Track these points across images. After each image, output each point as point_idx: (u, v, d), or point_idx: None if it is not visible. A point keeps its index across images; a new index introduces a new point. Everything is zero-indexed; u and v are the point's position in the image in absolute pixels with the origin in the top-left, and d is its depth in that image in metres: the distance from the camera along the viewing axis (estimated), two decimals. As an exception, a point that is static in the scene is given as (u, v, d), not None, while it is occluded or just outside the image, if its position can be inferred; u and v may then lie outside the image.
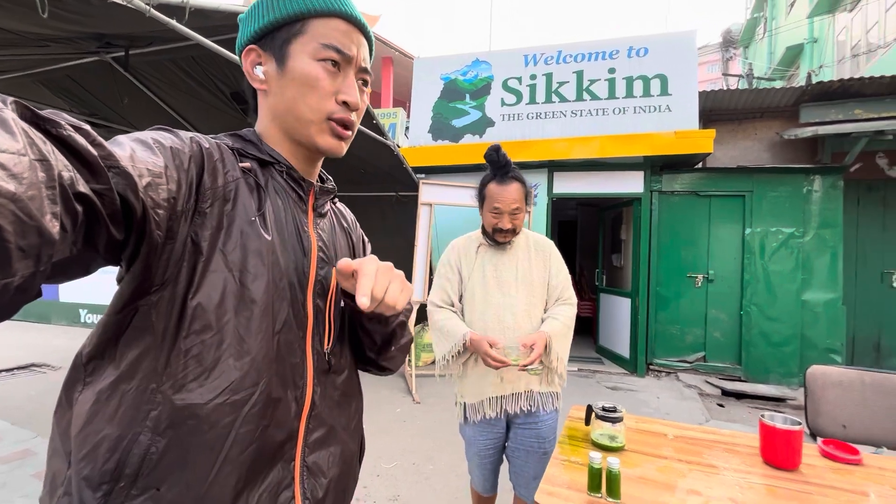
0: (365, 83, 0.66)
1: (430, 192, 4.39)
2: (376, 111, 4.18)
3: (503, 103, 5.22)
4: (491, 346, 1.38)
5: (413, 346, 4.33)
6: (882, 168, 4.74)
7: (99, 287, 5.68)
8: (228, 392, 0.52)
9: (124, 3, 1.68)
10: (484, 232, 1.59)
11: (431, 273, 4.94)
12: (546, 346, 1.41)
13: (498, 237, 1.53)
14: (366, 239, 0.86)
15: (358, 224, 0.85)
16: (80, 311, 6.52)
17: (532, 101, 5.13)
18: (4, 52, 2.69)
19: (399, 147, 4.20)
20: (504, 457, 1.61)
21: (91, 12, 1.84)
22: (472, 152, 5.12)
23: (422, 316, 5.04)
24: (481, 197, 1.55)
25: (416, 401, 3.82)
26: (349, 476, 0.71)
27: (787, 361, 4.45)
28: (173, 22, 1.89)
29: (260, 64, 0.61)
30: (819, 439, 1.30)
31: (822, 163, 4.60)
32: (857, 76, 4.38)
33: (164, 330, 0.50)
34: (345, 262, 0.58)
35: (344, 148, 0.65)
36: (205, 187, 0.53)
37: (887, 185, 4.77)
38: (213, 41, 2.26)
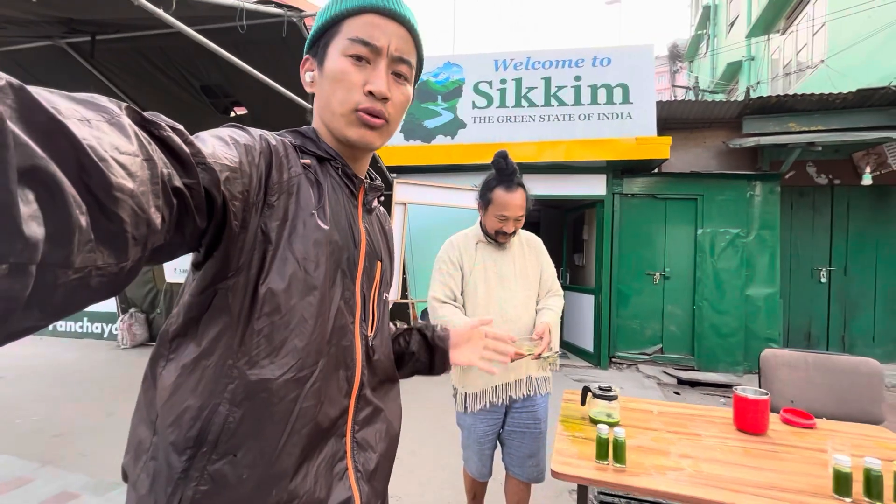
0: (399, 75, 0.65)
1: (404, 192, 4.43)
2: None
3: (474, 106, 5.34)
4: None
5: (388, 344, 4.34)
6: (812, 176, 5.29)
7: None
8: (295, 369, 0.56)
9: (112, -10, 1.63)
10: (484, 231, 1.66)
11: (404, 272, 4.98)
12: (550, 334, 1.51)
13: (500, 239, 1.62)
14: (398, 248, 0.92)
15: (392, 231, 0.88)
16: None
17: (502, 104, 5.29)
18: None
19: (374, 146, 4.21)
20: (497, 441, 1.70)
21: (72, -4, 1.76)
22: (444, 153, 5.21)
23: (395, 315, 5.06)
24: (486, 200, 1.61)
25: (392, 398, 3.84)
26: (394, 451, 0.76)
27: (733, 351, 4.86)
28: (160, 11, 1.84)
29: (311, 70, 0.67)
30: (781, 409, 1.49)
31: (762, 170, 5.07)
32: (790, 93, 4.87)
33: (239, 311, 0.55)
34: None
35: (377, 139, 0.66)
36: (272, 181, 0.57)
37: (816, 192, 5.33)
38: (194, 30, 2.21)
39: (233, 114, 3.89)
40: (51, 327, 5.98)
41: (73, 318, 5.94)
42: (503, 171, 1.57)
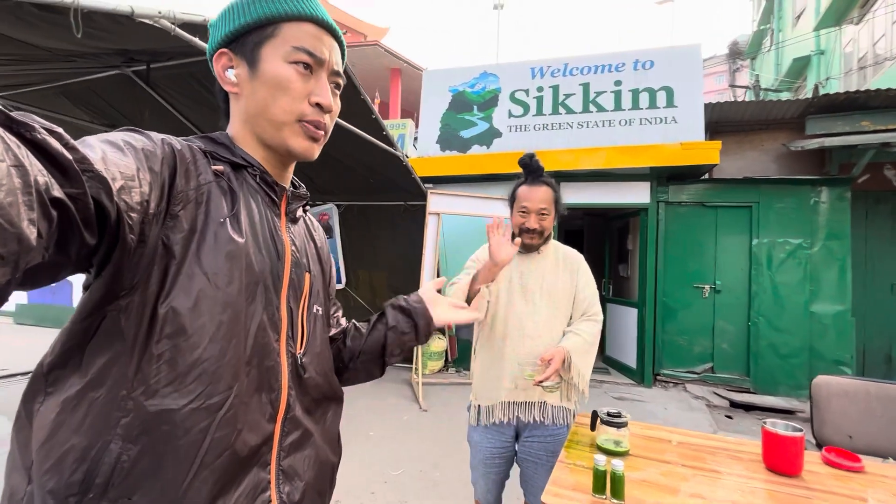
0: (337, 87, 0.66)
1: (437, 202, 4.45)
2: (385, 122, 4.27)
3: (510, 115, 5.29)
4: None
5: (420, 354, 4.37)
6: (890, 180, 4.74)
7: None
8: (203, 396, 0.51)
9: (151, 23, 1.78)
10: (514, 236, 1.59)
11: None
12: (564, 362, 1.41)
13: (525, 238, 1.53)
14: (332, 260, 0.85)
15: (325, 242, 0.84)
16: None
17: (539, 112, 5.20)
18: (32, 67, 2.81)
19: (407, 157, 4.28)
20: (515, 462, 1.62)
21: (119, 31, 1.94)
22: (479, 163, 5.20)
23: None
24: (511, 199, 1.58)
25: (422, 408, 3.84)
26: (326, 480, 0.70)
27: (795, 373, 4.41)
28: (196, 39, 1.98)
29: (231, 67, 0.61)
30: (824, 448, 1.32)
31: (830, 174, 4.61)
32: (863, 88, 4.40)
33: (134, 335, 0.49)
34: None
35: (316, 150, 0.65)
36: (177, 190, 0.52)
37: (895, 198, 4.76)
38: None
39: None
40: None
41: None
42: (528, 168, 1.55)
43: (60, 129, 0.38)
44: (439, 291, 0.91)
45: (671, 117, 4.72)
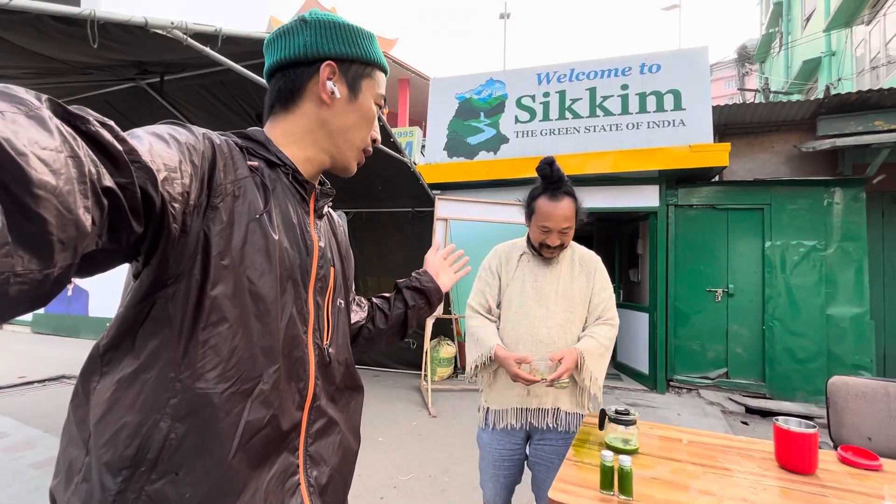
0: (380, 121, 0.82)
1: (445, 208, 4.47)
2: (394, 130, 4.33)
3: (517, 120, 5.32)
4: (520, 364, 1.36)
5: (429, 360, 4.36)
6: (906, 179, 4.64)
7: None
8: (240, 382, 0.55)
9: (164, 34, 1.83)
10: (529, 243, 1.56)
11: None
12: (577, 363, 1.39)
13: (544, 252, 1.50)
14: (351, 254, 0.90)
15: (347, 233, 0.91)
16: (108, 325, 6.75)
17: (546, 118, 5.21)
18: (51, 81, 2.91)
19: (415, 164, 4.32)
20: (526, 466, 1.59)
21: (134, 42, 2.01)
22: (487, 168, 5.22)
23: (438, 330, 5.07)
24: (529, 210, 1.51)
25: (432, 415, 3.82)
26: (350, 465, 0.74)
27: (813, 378, 4.30)
28: (207, 49, 2.04)
29: (332, 80, 0.66)
30: (839, 447, 1.29)
31: (843, 175, 4.53)
32: (876, 88, 4.34)
33: (181, 321, 0.52)
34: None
35: (354, 173, 0.78)
36: (216, 183, 0.55)
37: (913, 197, 4.66)
38: (242, 66, 2.42)
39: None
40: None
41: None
42: (548, 178, 1.46)
43: (112, 122, 0.40)
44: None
45: (679, 120, 4.70)
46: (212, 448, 0.53)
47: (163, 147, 0.48)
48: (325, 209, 0.77)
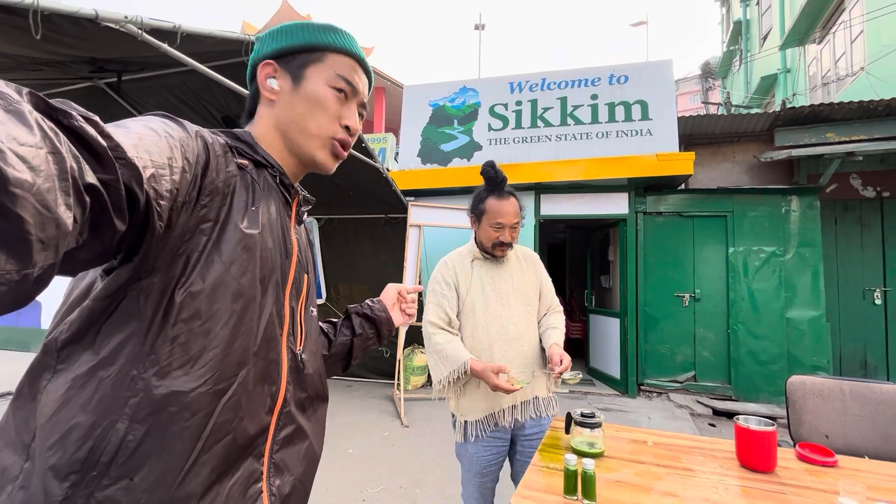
0: (361, 116, 0.74)
1: (418, 214, 4.44)
2: (367, 136, 4.27)
3: (490, 128, 5.36)
4: (497, 373, 1.37)
5: (402, 369, 4.29)
6: (857, 188, 4.91)
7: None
8: (212, 381, 0.52)
9: (116, 27, 1.75)
10: (480, 246, 1.60)
11: (420, 294, 4.93)
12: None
13: (497, 251, 1.56)
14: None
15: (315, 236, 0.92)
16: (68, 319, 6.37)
17: (518, 126, 5.28)
18: (-2, 77, 2.75)
19: (389, 171, 4.28)
20: (509, 463, 1.61)
21: (84, 35, 1.90)
22: (460, 175, 5.23)
23: (411, 339, 5.00)
24: (479, 211, 1.56)
25: (404, 424, 3.75)
26: (312, 476, 0.71)
27: (775, 379, 4.45)
28: (165, 46, 1.95)
29: (274, 77, 0.67)
30: (797, 444, 1.31)
31: (799, 184, 4.75)
32: (827, 102, 4.59)
33: (152, 316, 0.50)
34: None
35: (334, 167, 0.72)
36: (207, 181, 0.54)
37: (863, 205, 4.92)
38: (206, 66, 2.34)
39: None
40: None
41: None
42: (493, 181, 1.55)
43: (96, 117, 0.39)
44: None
45: (646, 130, 4.84)
46: (172, 451, 0.49)
47: (153, 141, 0.47)
48: (305, 217, 0.77)
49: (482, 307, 1.54)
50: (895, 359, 4.77)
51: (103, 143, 0.38)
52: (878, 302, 4.82)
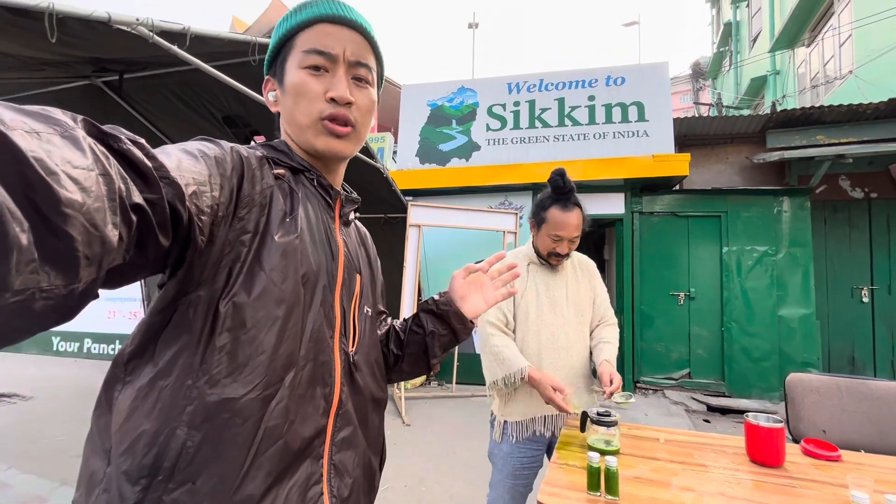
0: (360, 79, 0.66)
1: (418, 214, 4.46)
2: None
3: (488, 128, 5.40)
4: (555, 390, 1.38)
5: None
6: (846, 189, 5.03)
7: (78, 315, 5.51)
8: (261, 387, 0.54)
9: (128, 30, 1.74)
10: (536, 252, 1.59)
11: (420, 293, 4.96)
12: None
13: (553, 261, 1.54)
14: (378, 259, 0.89)
15: (374, 246, 0.89)
16: (53, 339, 6.29)
17: (516, 126, 5.32)
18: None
19: (388, 170, 4.29)
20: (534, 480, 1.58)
21: (94, 38, 1.90)
22: (459, 175, 5.26)
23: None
24: (539, 219, 1.53)
25: (405, 423, 3.77)
26: (372, 479, 0.72)
27: (767, 376, 4.56)
28: (175, 48, 1.95)
29: (273, 90, 0.68)
30: (802, 440, 1.37)
31: (790, 185, 4.86)
32: (817, 105, 4.70)
33: (201, 328, 0.52)
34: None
35: (346, 147, 0.66)
36: (244, 194, 0.56)
37: (851, 206, 5.05)
38: (211, 66, 2.34)
39: (252, 143, 4.07)
40: (64, 348, 6.21)
41: (107, 340, 6.17)
42: (560, 190, 1.49)
43: (143, 140, 0.41)
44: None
45: (643, 131, 4.91)
46: (228, 456, 0.52)
47: (192, 162, 0.49)
48: (352, 217, 0.76)
49: (535, 313, 1.53)
50: (881, 355, 4.91)
51: (149, 164, 0.40)
52: (865, 300, 4.96)
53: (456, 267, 1.63)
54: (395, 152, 6.59)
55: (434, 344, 0.83)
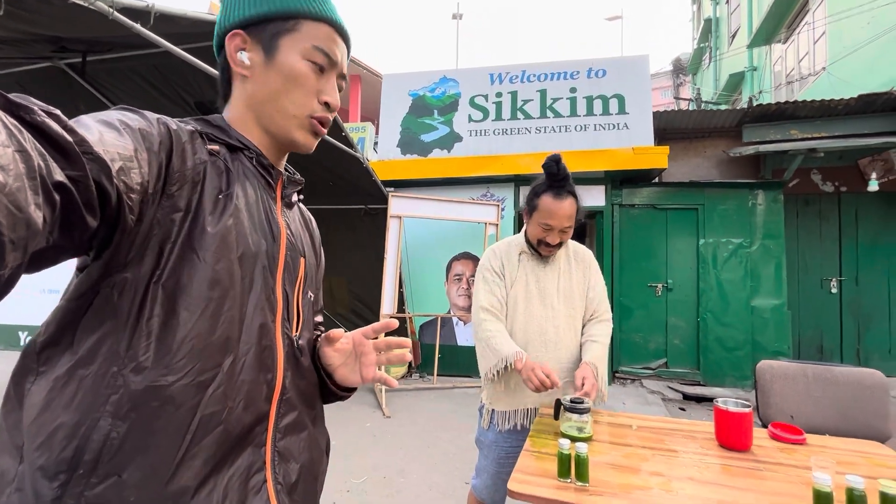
0: (340, 88, 0.69)
1: (399, 205, 4.41)
2: (345, 125, 4.20)
3: (470, 119, 5.36)
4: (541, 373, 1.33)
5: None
6: (817, 183, 5.17)
7: (42, 308, 5.31)
8: (194, 373, 0.51)
9: (85, 4, 1.65)
10: (528, 241, 1.55)
11: (401, 285, 4.93)
12: (597, 377, 1.41)
13: (542, 250, 1.50)
14: (321, 247, 0.84)
15: (318, 229, 0.85)
16: (20, 333, 6.06)
17: (498, 117, 5.29)
18: (-53, 55, 2.55)
19: (368, 161, 4.23)
20: None
21: (50, 13, 1.79)
22: (441, 166, 5.21)
23: (398, 330, 4.98)
24: (531, 206, 1.48)
25: (386, 415, 3.76)
26: (320, 463, 0.71)
27: (740, 365, 4.68)
28: (137, 26, 1.86)
29: (244, 50, 0.62)
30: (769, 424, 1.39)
31: (765, 178, 4.96)
32: (792, 100, 4.80)
33: (127, 312, 0.49)
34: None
35: (314, 145, 0.68)
36: (173, 170, 0.53)
37: (822, 200, 5.19)
38: (181, 49, 2.24)
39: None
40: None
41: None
42: (554, 177, 1.43)
43: (58, 111, 0.38)
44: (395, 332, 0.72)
45: (623, 123, 4.94)
46: (160, 445, 0.49)
47: (114, 135, 0.46)
48: (295, 198, 0.73)
49: (523, 305, 1.50)
50: (848, 344, 5.09)
51: (69, 138, 0.37)
52: (833, 291, 5.12)
53: (437, 258, 1.60)
54: (376, 143, 6.50)
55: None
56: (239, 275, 0.57)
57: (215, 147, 0.59)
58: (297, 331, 0.66)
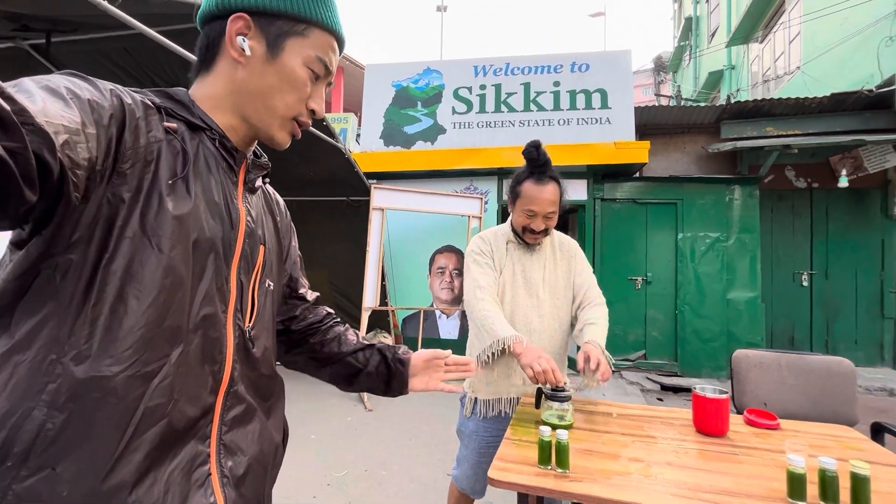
0: (326, 95, 0.70)
1: (382, 197, 4.36)
2: (327, 116, 4.13)
3: (454, 111, 5.32)
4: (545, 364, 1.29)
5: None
6: (791, 180, 5.31)
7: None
8: (139, 364, 0.49)
9: (47, -22, 1.55)
10: (513, 230, 1.53)
11: (384, 278, 4.88)
12: (604, 355, 1.40)
13: (527, 238, 1.49)
14: (293, 228, 0.84)
15: (288, 212, 0.83)
16: None
17: (482, 110, 5.27)
18: None
19: (351, 152, 4.16)
20: None
21: (6, -14, 1.68)
22: (424, 158, 5.17)
23: (374, 322, 4.95)
24: (514, 194, 1.47)
25: (367, 409, 3.73)
26: (272, 456, 0.69)
27: (716, 356, 4.81)
28: (104, 3, 1.77)
29: (246, 36, 0.59)
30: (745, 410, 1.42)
31: (741, 174, 5.08)
32: (768, 98, 4.91)
33: (70, 296, 0.46)
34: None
35: (287, 144, 0.68)
36: (125, 146, 0.50)
37: (795, 195, 5.34)
38: (154, 31, 2.15)
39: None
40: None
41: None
42: (534, 162, 1.43)
43: None
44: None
45: (605, 118, 4.98)
46: (99, 438, 0.47)
47: (60, 106, 0.43)
48: (259, 183, 0.70)
49: (509, 294, 1.49)
50: (817, 335, 5.27)
51: (7, 106, 0.35)
52: (804, 284, 5.29)
53: (420, 251, 1.58)
54: (358, 134, 6.41)
55: (362, 382, 0.87)
56: (192, 262, 0.54)
57: (173, 125, 0.56)
58: (250, 321, 0.63)
